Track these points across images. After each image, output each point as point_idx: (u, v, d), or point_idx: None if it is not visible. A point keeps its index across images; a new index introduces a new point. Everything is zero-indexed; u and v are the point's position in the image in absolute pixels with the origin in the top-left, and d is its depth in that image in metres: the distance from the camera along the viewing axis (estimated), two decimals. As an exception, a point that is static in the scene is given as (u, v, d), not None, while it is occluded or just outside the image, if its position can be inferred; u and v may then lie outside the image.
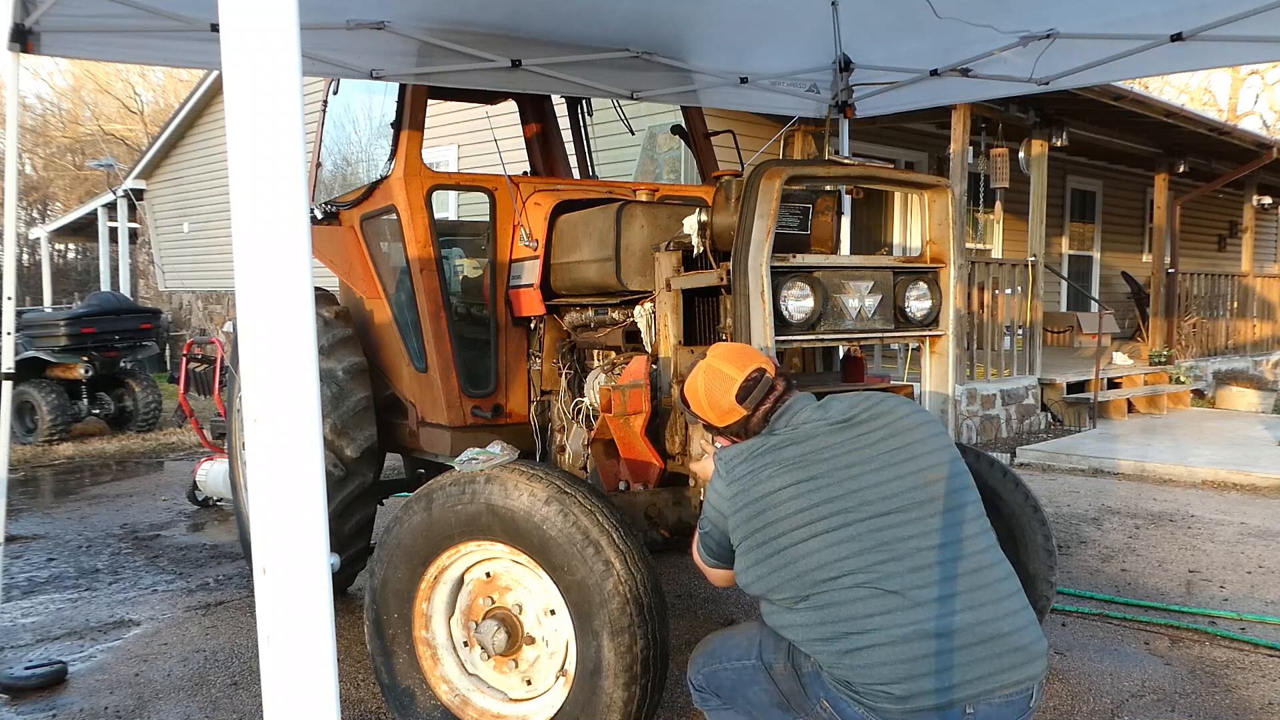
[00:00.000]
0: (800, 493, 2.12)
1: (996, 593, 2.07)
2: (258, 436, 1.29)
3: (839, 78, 5.38)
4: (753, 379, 2.35)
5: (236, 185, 1.28)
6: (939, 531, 2.07)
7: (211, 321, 16.58)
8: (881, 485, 2.12)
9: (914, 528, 2.08)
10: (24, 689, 3.58)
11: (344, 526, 4.15)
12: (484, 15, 4.35)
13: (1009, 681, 2.01)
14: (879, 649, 1.99)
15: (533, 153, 5.44)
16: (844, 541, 2.06)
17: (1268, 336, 14.03)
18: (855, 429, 2.21)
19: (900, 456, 2.16)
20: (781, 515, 2.12)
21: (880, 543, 2.05)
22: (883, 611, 2.01)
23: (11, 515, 6.15)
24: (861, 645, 2.00)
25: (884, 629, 2.00)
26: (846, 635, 2.02)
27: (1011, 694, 2.02)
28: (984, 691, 1.99)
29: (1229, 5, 4.02)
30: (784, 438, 2.23)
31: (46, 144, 30.31)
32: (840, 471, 2.14)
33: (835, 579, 2.04)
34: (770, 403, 2.33)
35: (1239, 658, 3.84)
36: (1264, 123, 26.50)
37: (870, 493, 2.11)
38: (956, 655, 1.98)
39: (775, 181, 2.69)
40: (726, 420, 2.37)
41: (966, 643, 2.00)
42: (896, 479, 2.13)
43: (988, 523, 2.19)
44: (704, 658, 2.38)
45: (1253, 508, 6.49)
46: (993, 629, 2.03)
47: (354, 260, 4.47)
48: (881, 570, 2.03)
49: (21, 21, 3.74)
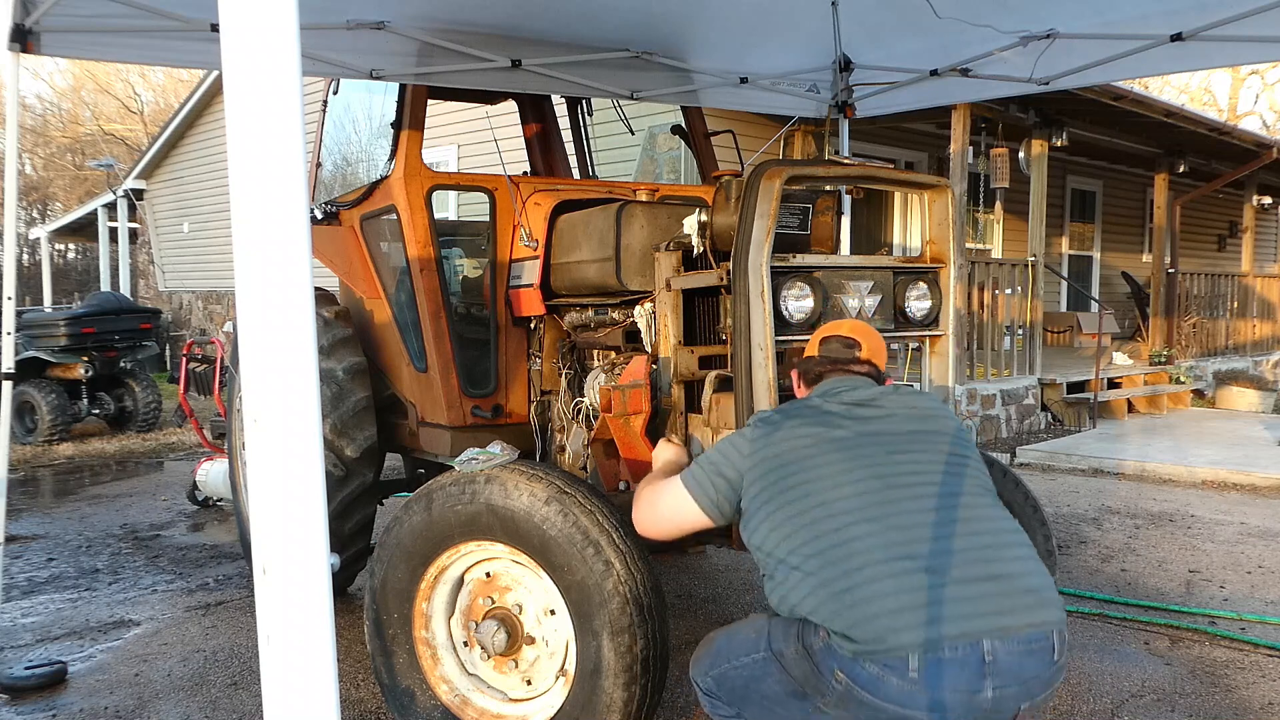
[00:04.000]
0: (822, 449, 2.20)
1: (1005, 544, 2.10)
2: (258, 436, 1.29)
3: (839, 78, 5.38)
4: (848, 343, 2.46)
5: (236, 185, 1.28)
6: (949, 496, 2.12)
7: (211, 321, 16.58)
8: (900, 451, 2.21)
9: (924, 490, 2.13)
10: (24, 689, 3.58)
11: (344, 526, 4.15)
12: (484, 15, 4.35)
13: (1025, 622, 1.98)
14: (885, 598, 1.97)
15: (533, 153, 5.44)
16: (859, 494, 2.11)
17: (1268, 336, 14.03)
18: (879, 404, 2.32)
19: (921, 427, 2.28)
20: (803, 464, 2.18)
21: (891, 499, 2.10)
22: (888, 559, 2.01)
23: (11, 515, 6.16)
24: (867, 595, 1.98)
25: (888, 577, 1.98)
26: (852, 587, 1.99)
27: (1030, 635, 1.97)
28: (999, 628, 1.95)
29: (1229, 5, 4.02)
30: (819, 402, 2.34)
31: (46, 144, 30.31)
32: (866, 437, 2.23)
33: (846, 527, 2.07)
34: (836, 368, 2.43)
35: (1239, 658, 3.84)
36: (1264, 123, 26.50)
37: (888, 455, 2.19)
38: (964, 590, 1.97)
39: (775, 181, 2.69)
40: (808, 350, 2.53)
41: (973, 578, 2.00)
42: (915, 447, 2.22)
43: (998, 500, 2.25)
44: (710, 658, 2.32)
45: (1253, 508, 6.49)
46: (999, 569, 2.04)
47: (354, 260, 4.47)
48: (891, 523, 2.07)
49: (21, 21, 3.74)
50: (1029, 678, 1.98)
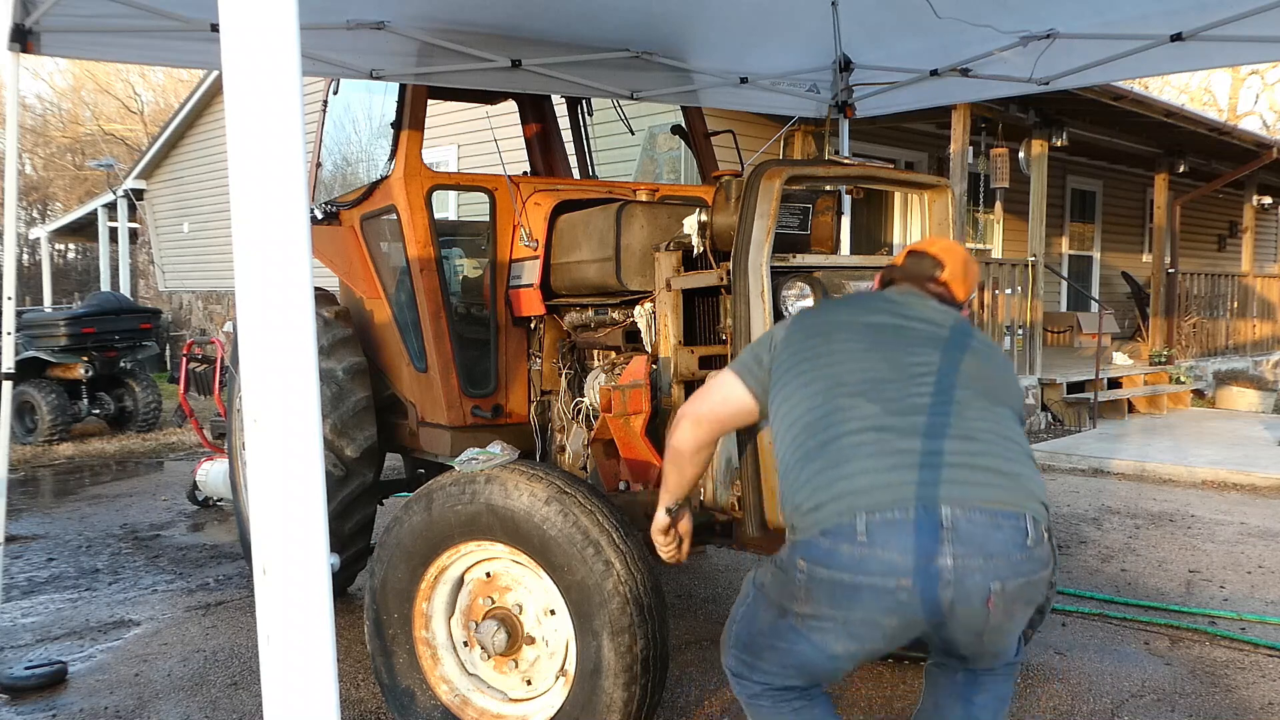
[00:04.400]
0: (851, 329, 2.18)
1: (994, 441, 2.01)
2: (258, 436, 1.30)
3: (839, 78, 5.38)
4: (934, 261, 2.36)
5: (236, 185, 1.28)
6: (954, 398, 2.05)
7: (211, 321, 16.58)
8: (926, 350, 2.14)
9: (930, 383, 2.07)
10: (24, 689, 3.58)
11: (344, 526, 4.15)
12: (484, 15, 4.35)
13: (992, 498, 1.90)
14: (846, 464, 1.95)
15: (533, 153, 5.44)
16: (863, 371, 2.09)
17: (1268, 336, 14.03)
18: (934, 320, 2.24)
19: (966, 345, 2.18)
20: (828, 338, 2.18)
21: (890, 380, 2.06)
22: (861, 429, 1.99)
23: (11, 515, 6.15)
24: (833, 461, 1.96)
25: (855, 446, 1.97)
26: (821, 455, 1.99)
27: (996, 510, 1.88)
28: (959, 498, 1.87)
29: (1229, 5, 4.02)
30: (876, 294, 2.34)
31: (46, 144, 30.30)
32: (898, 331, 2.18)
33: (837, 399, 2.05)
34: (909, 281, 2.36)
35: (1239, 658, 3.84)
36: (1264, 123, 26.50)
37: (909, 347, 2.14)
38: (931, 461, 1.92)
39: (775, 181, 2.69)
40: (896, 259, 2.44)
41: (946, 454, 1.94)
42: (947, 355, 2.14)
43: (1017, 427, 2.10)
44: (726, 632, 2.24)
45: (1253, 508, 6.49)
46: (979, 459, 1.96)
47: (354, 260, 4.47)
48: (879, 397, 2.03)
49: (21, 21, 3.74)
50: (995, 553, 1.86)
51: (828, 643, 1.96)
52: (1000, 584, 1.87)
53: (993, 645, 2.02)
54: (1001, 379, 2.17)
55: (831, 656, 1.99)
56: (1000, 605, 1.88)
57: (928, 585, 1.84)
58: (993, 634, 1.96)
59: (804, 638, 2.00)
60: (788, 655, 2.06)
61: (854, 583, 1.87)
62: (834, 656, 1.99)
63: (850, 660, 2.01)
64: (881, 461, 1.93)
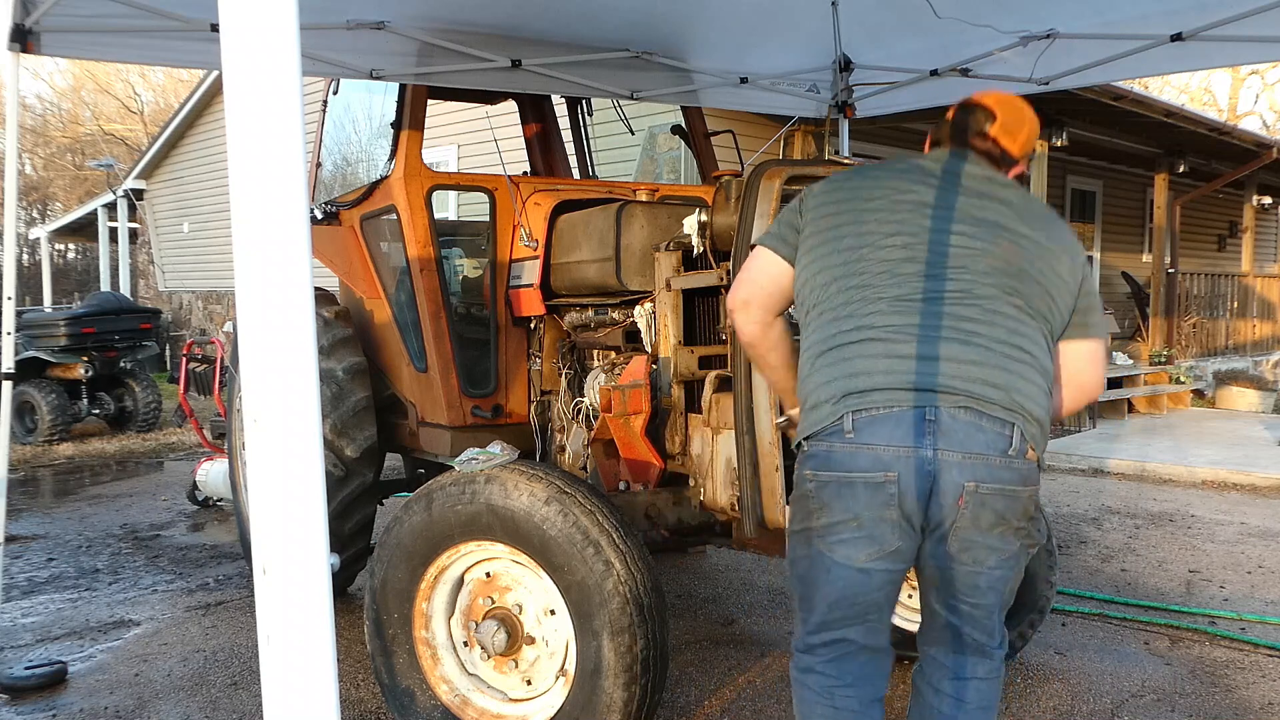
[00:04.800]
0: (883, 202, 2.09)
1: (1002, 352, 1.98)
2: (258, 436, 1.29)
3: (839, 78, 5.38)
4: (986, 113, 2.21)
5: (236, 185, 1.28)
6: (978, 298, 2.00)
7: (211, 321, 16.57)
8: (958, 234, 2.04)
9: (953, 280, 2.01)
10: (24, 689, 3.58)
11: (344, 526, 4.15)
12: (484, 15, 4.35)
13: (980, 404, 1.93)
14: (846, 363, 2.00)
15: (533, 153, 5.44)
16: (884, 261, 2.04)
17: (1268, 336, 14.03)
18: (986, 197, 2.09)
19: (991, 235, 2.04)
20: (857, 210, 2.10)
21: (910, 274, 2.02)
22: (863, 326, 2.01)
23: (11, 515, 6.15)
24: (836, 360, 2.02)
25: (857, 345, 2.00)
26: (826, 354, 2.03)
27: (982, 413, 1.93)
28: (947, 402, 1.92)
29: (1229, 5, 4.02)
30: (914, 161, 2.19)
31: (46, 144, 30.30)
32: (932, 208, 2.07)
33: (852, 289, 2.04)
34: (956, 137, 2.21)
35: (1239, 658, 3.84)
36: (1264, 123, 26.49)
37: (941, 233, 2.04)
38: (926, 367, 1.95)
39: (775, 181, 2.69)
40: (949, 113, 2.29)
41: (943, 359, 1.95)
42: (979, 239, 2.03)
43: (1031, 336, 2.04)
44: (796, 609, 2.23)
45: (1253, 508, 6.49)
46: (977, 372, 1.95)
47: (354, 260, 4.47)
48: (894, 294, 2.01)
49: (21, 21, 3.73)
50: (975, 452, 1.92)
51: (850, 553, 2.01)
52: (975, 484, 1.93)
53: (965, 570, 2.02)
54: (1036, 272, 2.04)
55: (861, 570, 2.02)
56: (970, 508, 1.94)
57: (910, 477, 1.93)
58: (963, 548, 1.99)
59: (831, 559, 2.04)
60: (828, 586, 2.07)
61: (849, 480, 1.97)
62: (863, 569, 2.02)
63: (880, 571, 2.02)
64: (878, 364, 1.98)
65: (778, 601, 4.50)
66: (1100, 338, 2.16)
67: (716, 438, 2.97)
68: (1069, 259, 2.09)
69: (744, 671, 3.68)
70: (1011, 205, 2.09)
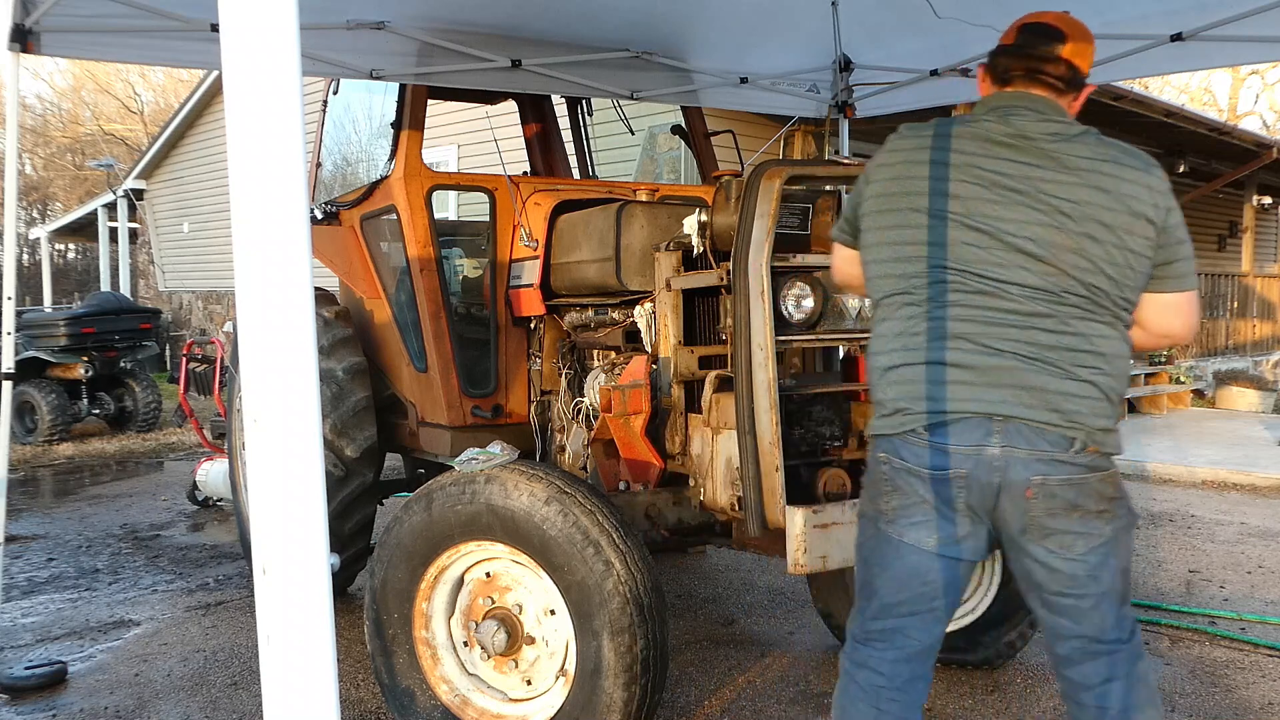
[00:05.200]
0: (944, 188, 2.03)
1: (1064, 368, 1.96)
2: (258, 436, 1.29)
3: (839, 78, 5.38)
4: (1051, 33, 2.11)
5: (236, 185, 1.28)
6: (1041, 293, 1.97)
7: (211, 321, 16.57)
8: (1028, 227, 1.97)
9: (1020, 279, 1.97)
10: (24, 689, 3.58)
11: (344, 526, 4.15)
12: (484, 15, 4.35)
13: (1042, 421, 1.94)
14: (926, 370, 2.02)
15: (533, 153, 5.44)
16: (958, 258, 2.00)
17: (1268, 336, 14.04)
18: (1060, 163, 2.00)
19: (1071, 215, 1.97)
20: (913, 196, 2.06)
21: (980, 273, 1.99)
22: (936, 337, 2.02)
23: (11, 515, 6.15)
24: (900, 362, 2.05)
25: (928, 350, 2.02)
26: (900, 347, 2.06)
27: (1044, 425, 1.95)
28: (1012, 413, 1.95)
29: (1229, 5, 4.02)
30: (983, 124, 2.07)
31: (46, 144, 30.30)
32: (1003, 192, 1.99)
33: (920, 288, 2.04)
34: (1026, 66, 2.09)
35: (1239, 658, 3.84)
36: (1264, 123, 26.47)
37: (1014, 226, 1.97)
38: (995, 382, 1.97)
39: (775, 181, 2.69)
40: (1004, 38, 2.18)
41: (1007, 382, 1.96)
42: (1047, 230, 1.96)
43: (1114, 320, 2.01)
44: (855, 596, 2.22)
45: (1253, 508, 6.49)
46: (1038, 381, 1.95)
47: (354, 260, 4.47)
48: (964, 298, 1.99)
49: (21, 21, 3.73)
50: (1040, 449, 1.95)
51: (921, 536, 2.04)
52: (1041, 478, 1.96)
53: (1057, 560, 2.01)
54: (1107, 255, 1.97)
55: (930, 555, 2.04)
56: (1040, 499, 1.97)
57: (979, 472, 1.98)
58: (1045, 535, 1.99)
59: (901, 541, 2.06)
60: (895, 567, 2.08)
61: (922, 474, 2.03)
62: (932, 554, 2.04)
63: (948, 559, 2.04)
64: (950, 373, 2.00)
65: (778, 601, 4.50)
66: (1183, 290, 2.07)
67: (717, 438, 2.96)
68: (1144, 220, 1.99)
69: (744, 671, 3.68)
70: (1082, 174, 1.98)
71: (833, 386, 3.17)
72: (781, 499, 2.65)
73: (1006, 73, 2.14)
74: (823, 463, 3.01)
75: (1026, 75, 2.11)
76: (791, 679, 3.61)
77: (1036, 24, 2.15)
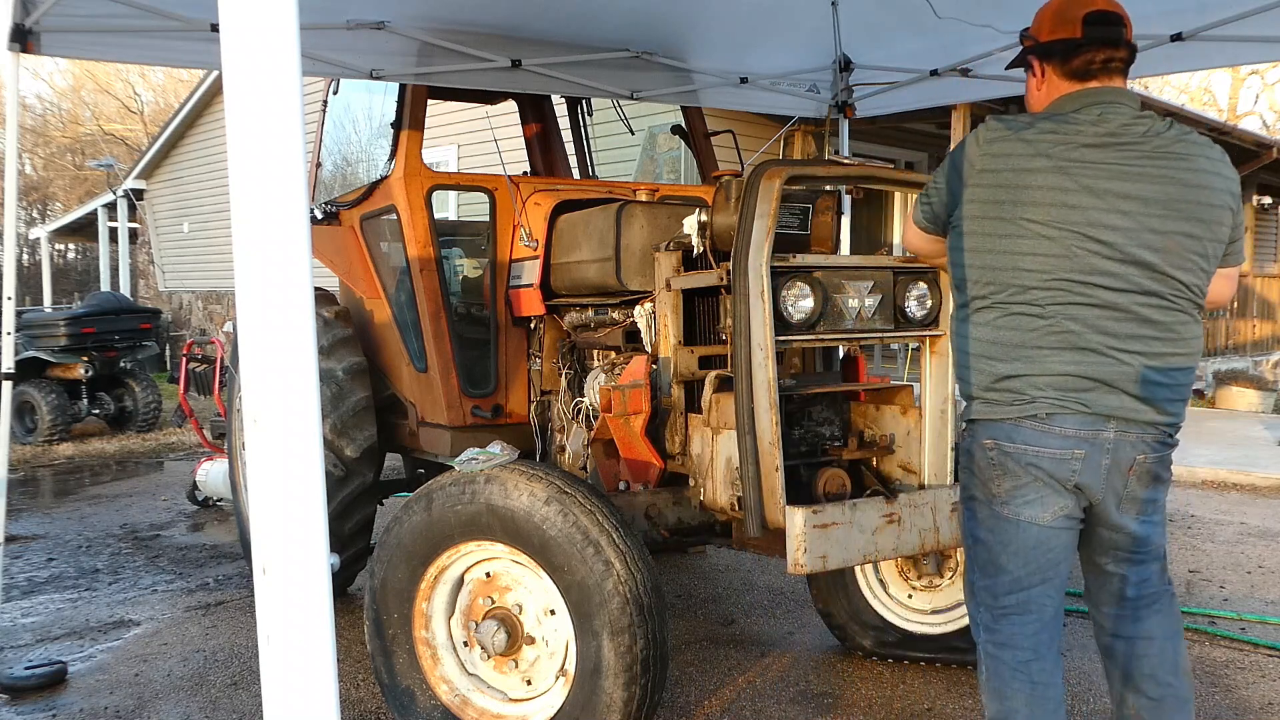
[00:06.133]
0: (1060, 199, 2.06)
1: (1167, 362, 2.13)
2: (258, 436, 1.29)
3: (839, 78, 5.38)
4: (1120, 21, 2.14)
5: (236, 185, 1.28)
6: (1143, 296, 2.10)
7: (211, 321, 16.57)
8: (1127, 230, 2.06)
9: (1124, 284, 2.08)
10: (24, 689, 3.58)
11: (344, 526, 4.15)
12: (484, 15, 4.35)
13: (1150, 421, 2.15)
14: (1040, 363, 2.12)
15: (533, 153, 5.44)
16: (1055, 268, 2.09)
17: (1268, 336, 14.04)
18: (1159, 161, 2.08)
19: (1176, 213, 2.07)
20: (1028, 207, 2.09)
21: (1101, 284, 2.08)
22: (1051, 348, 2.11)
23: (11, 515, 6.15)
24: (1013, 372, 2.14)
25: (1052, 359, 2.11)
26: (1011, 359, 2.15)
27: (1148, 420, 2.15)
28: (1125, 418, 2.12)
29: (1229, 5, 4.02)
30: (1076, 131, 2.09)
31: (46, 144, 30.30)
32: (1115, 199, 2.06)
33: (1033, 289, 2.11)
34: (1104, 60, 2.13)
35: (1239, 658, 3.84)
36: (1264, 123, 26.46)
37: (1113, 233, 2.06)
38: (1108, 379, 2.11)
39: (775, 181, 2.69)
40: (1056, 33, 2.17)
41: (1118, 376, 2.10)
42: (1145, 232, 2.07)
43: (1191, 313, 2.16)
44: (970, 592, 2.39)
45: (1253, 508, 6.49)
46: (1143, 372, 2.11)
47: (354, 260, 4.47)
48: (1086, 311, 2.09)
49: (21, 21, 3.73)
50: (1145, 435, 2.16)
51: (1035, 513, 2.19)
52: (1143, 457, 2.17)
53: (1135, 524, 2.24)
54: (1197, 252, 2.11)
55: (1047, 528, 2.19)
56: (1138, 475, 2.19)
57: (1095, 453, 2.14)
58: (1131, 506, 2.21)
59: (1016, 521, 2.21)
60: (1019, 542, 2.22)
61: (1036, 455, 2.15)
62: (1048, 527, 2.19)
63: (1062, 529, 2.20)
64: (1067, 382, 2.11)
65: (778, 601, 4.50)
66: (1240, 262, 2.27)
67: (717, 438, 2.97)
68: (1227, 209, 2.14)
69: (744, 671, 3.68)
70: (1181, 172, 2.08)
71: (833, 386, 3.17)
72: (781, 499, 2.65)
73: (1088, 67, 2.16)
74: (823, 463, 3.02)
75: (1106, 68, 2.15)
76: (791, 679, 3.61)
77: (1101, 13, 2.16)
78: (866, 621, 3.70)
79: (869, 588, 3.70)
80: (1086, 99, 2.13)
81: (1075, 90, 2.17)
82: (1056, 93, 2.20)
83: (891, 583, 3.71)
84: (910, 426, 3.05)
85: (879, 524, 2.75)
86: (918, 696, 3.44)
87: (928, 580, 3.62)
